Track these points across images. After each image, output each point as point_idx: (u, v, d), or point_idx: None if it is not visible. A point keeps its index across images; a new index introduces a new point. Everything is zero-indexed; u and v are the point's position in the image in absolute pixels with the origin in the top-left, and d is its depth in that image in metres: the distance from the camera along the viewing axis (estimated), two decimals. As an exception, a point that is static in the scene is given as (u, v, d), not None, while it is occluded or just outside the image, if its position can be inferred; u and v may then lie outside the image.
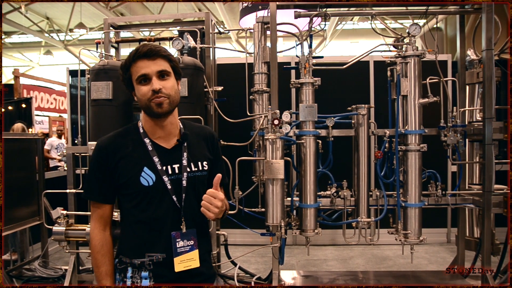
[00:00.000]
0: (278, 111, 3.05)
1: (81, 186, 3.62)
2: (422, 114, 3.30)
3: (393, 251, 5.06)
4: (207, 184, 1.58)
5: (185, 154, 1.53)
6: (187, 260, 1.48)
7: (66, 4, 12.37)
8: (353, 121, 3.46)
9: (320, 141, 3.45)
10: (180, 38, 3.45)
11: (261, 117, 3.40)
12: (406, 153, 3.33)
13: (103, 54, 3.70)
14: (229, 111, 3.68)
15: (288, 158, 3.31)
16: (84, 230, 3.41)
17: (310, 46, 3.32)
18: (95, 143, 1.79)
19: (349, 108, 3.51)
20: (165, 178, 1.47)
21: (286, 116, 3.02)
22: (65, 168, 3.65)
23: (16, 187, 3.92)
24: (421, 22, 3.57)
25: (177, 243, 1.47)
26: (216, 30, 3.84)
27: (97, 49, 3.84)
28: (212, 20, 3.82)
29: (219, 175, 1.46)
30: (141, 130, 1.52)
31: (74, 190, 3.61)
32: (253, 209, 3.50)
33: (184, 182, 1.50)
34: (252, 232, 3.63)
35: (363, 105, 3.36)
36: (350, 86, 5.27)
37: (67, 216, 3.52)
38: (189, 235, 1.50)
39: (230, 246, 3.96)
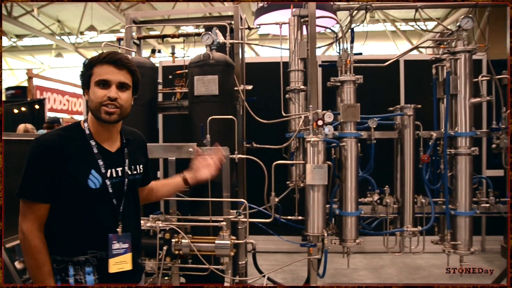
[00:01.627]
0: (319, 111, 2.81)
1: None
2: (473, 115, 3.05)
3: (425, 260, 4.77)
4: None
5: (127, 158, 1.59)
6: (121, 262, 1.52)
7: (77, 7, 12.25)
8: (396, 122, 3.22)
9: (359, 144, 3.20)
10: (209, 33, 3.22)
11: (300, 117, 3.15)
12: (455, 157, 3.08)
13: (125, 51, 3.50)
14: (256, 111, 3.42)
15: (329, 163, 3.07)
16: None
17: (352, 42, 3.09)
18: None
19: (390, 108, 3.27)
20: (108, 182, 1.50)
21: (328, 117, 2.77)
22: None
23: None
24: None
25: (112, 245, 1.50)
26: (246, 26, 3.60)
27: (119, 45, 3.64)
28: (241, 15, 3.59)
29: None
30: (87, 132, 1.52)
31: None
32: (289, 217, 3.24)
33: (125, 187, 1.56)
34: (278, 238, 3.37)
35: (408, 105, 3.12)
36: (379, 86, 5.00)
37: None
38: (124, 238, 1.54)
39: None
